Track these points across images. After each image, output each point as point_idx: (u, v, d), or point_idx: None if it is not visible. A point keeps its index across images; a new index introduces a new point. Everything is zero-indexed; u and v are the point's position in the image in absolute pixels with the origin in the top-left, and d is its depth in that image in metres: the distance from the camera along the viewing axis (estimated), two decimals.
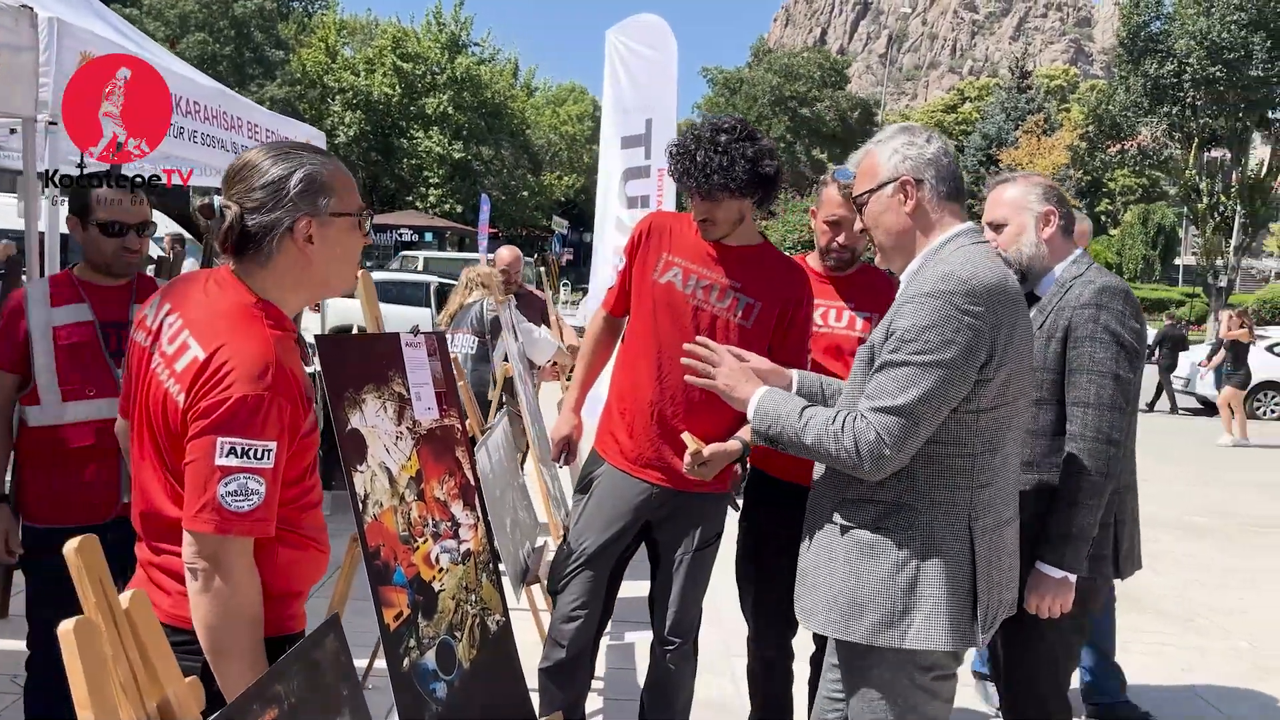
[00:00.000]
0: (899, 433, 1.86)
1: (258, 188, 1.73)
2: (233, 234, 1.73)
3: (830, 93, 58.44)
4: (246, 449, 1.62)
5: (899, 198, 2.07)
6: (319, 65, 39.55)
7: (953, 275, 1.90)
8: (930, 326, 1.86)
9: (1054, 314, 2.56)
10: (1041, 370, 2.51)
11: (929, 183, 2.05)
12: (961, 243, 2.02)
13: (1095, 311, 2.49)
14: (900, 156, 2.08)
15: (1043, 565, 2.45)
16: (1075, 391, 2.48)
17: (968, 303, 1.86)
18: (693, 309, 2.86)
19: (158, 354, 1.74)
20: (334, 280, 1.85)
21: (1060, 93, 58.27)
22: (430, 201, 38.85)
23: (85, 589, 1.14)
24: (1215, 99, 32.15)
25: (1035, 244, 2.64)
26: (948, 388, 1.86)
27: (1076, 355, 2.49)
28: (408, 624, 2.21)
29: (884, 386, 1.90)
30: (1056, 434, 2.52)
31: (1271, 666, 4.72)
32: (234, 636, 1.65)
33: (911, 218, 2.07)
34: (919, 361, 1.86)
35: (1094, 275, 2.59)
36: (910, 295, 1.94)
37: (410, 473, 2.31)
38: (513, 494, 3.91)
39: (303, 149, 1.81)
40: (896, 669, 1.97)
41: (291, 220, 1.74)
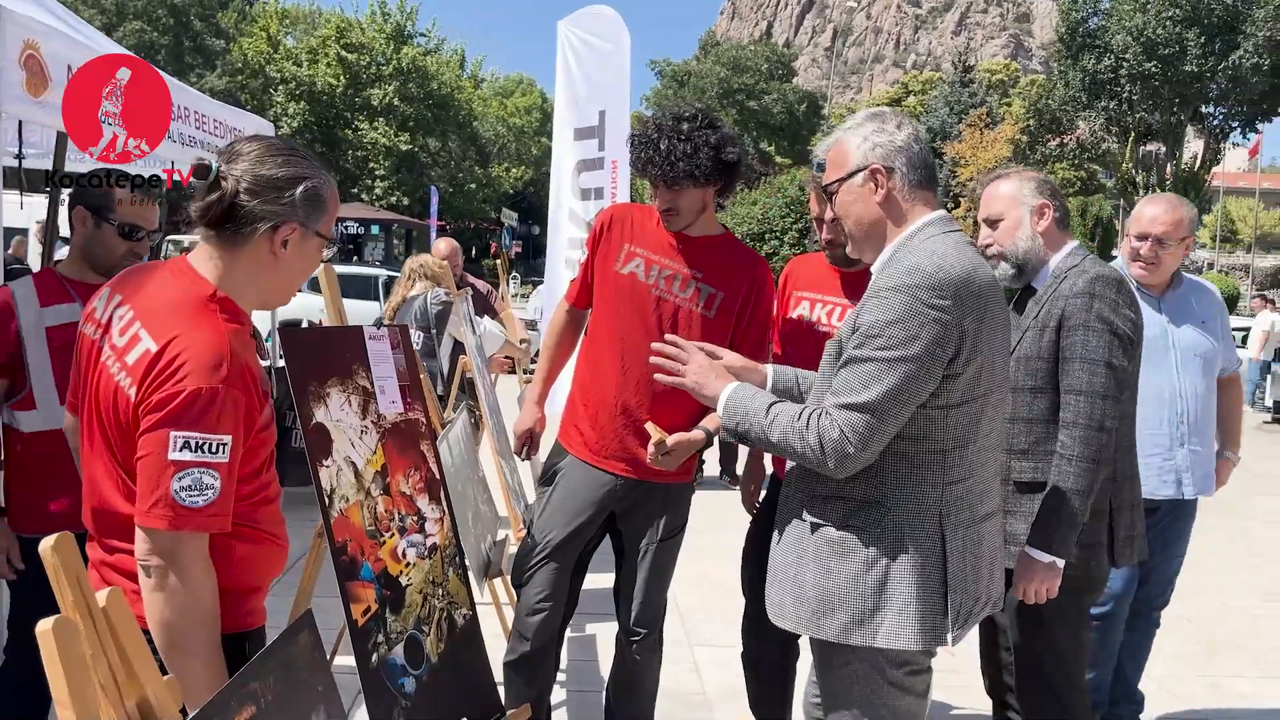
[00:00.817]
0: (864, 430, 1.84)
1: (263, 176, 1.72)
2: (220, 205, 1.71)
3: (778, 85, 58.78)
4: (201, 443, 1.59)
5: (869, 187, 2.03)
6: (260, 55, 38.84)
7: (918, 268, 1.87)
8: (895, 321, 1.84)
9: (1049, 304, 2.58)
10: (1035, 359, 2.55)
11: (900, 171, 2.01)
12: (931, 233, 1.98)
13: (1088, 300, 2.50)
14: (870, 144, 2.03)
15: (1031, 549, 2.46)
16: (1068, 379, 2.50)
17: (933, 296, 1.83)
18: (655, 299, 2.87)
19: (108, 346, 1.70)
20: (283, 292, 1.86)
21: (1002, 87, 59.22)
22: (377, 194, 38.39)
23: (63, 588, 1.12)
24: (1150, 94, 32.91)
25: (1031, 237, 2.67)
26: (913, 383, 1.84)
27: (1070, 344, 2.51)
28: (375, 619, 2.19)
29: (849, 383, 1.87)
30: (1051, 421, 2.54)
31: (1218, 645, 4.87)
32: (190, 634, 1.62)
33: (882, 207, 2.03)
34: (883, 357, 1.84)
35: (1088, 265, 2.61)
36: (876, 289, 1.91)
37: (376, 467, 2.29)
38: (474, 488, 3.90)
39: (310, 158, 1.81)
40: (868, 665, 1.97)
41: (280, 221, 1.73)
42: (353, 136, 38.81)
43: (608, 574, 3.17)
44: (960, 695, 3.90)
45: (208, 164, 1.74)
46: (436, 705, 2.31)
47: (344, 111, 39.32)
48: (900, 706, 1.99)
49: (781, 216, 34.15)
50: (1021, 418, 2.59)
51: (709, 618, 4.88)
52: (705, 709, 3.87)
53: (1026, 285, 2.71)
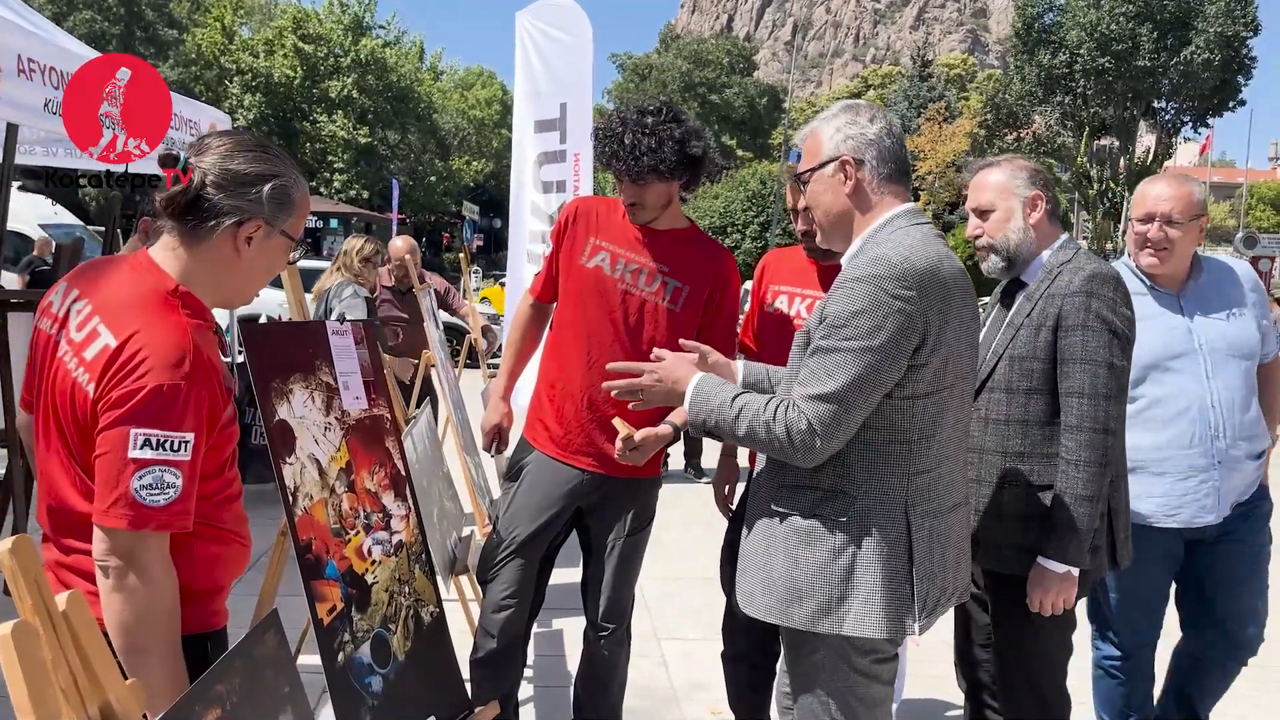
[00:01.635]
0: (829, 420, 1.85)
1: (231, 171, 1.69)
2: (186, 196, 1.68)
3: (739, 79, 58.92)
4: (162, 440, 1.56)
5: (839, 177, 2.05)
6: (215, 46, 38.13)
7: (884, 259, 1.89)
8: (860, 312, 1.85)
9: (1043, 301, 2.50)
10: (1031, 359, 2.49)
11: (869, 163, 2.03)
12: (899, 224, 2.00)
13: (1086, 299, 2.43)
14: (842, 136, 2.05)
15: (1045, 561, 2.41)
16: (1068, 381, 2.43)
17: (898, 287, 1.85)
18: (621, 293, 2.85)
19: (65, 342, 1.66)
20: (245, 290, 1.82)
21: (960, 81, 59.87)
22: (336, 187, 37.92)
23: (21, 591, 1.09)
24: (1104, 89, 33.47)
25: (1022, 229, 2.59)
26: (878, 373, 1.85)
27: (1068, 344, 2.44)
28: (341, 618, 2.17)
29: (814, 373, 1.88)
30: (1047, 423, 2.49)
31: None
32: (150, 635, 1.59)
33: (850, 198, 2.05)
34: (848, 348, 1.85)
35: (1083, 261, 2.54)
36: (842, 280, 1.93)
37: (340, 464, 2.26)
38: (439, 484, 3.87)
39: (282, 157, 1.79)
40: (835, 653, 1.99)
41: (244, 217, 1.70)
42: (311, 129, 38.29)
43: (575, 569, 3.16)
44: (933, 686, 3.94)
45: (175, 154, 1.71)
46: (404, 704, 2.29)
47: (301, 104, 38.77)
48: (867, 694, 2.01)
49: (743, 210, 34.31)
50: (1016, 419, 2.52)
51: (676, 611, 4.89)
52: (673, 702, 3.88)
53: (1016, 279, 2.65)
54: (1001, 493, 2.53)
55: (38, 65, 3.79)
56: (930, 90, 46.06)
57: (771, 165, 38.09)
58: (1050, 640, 2.57)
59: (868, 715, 2.02)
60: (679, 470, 8.13)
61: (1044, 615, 2.46)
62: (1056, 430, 2.48)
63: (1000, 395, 2.55)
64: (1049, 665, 2.59)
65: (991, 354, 2.59)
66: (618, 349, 2.84)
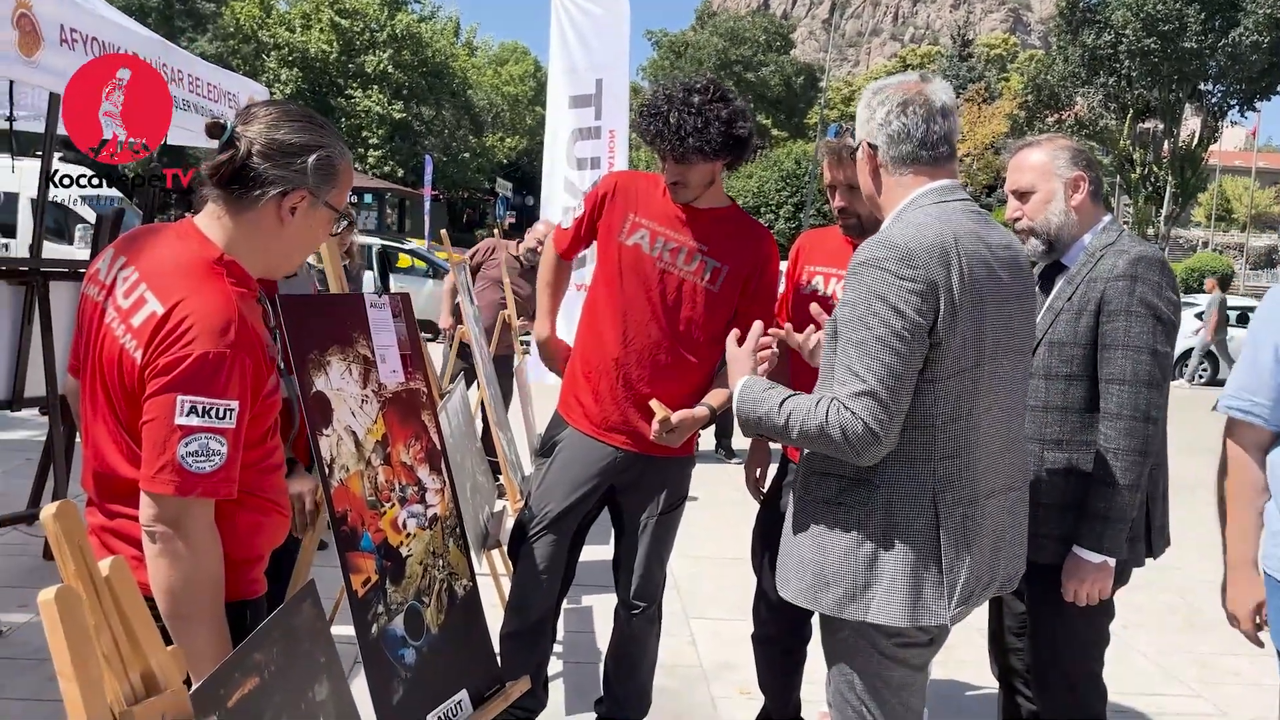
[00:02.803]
0: (881, 415, 1.82)
1: (277, 141, 1.70)
2: (231, 165, 1.69)
3: (775, 57, 58.32)
4: (208, 408, 1.57)
5: (864, 162, 2.09)
6: (252, 19, 38.31)
7: (888, 241, 1.87)
8: (873, 297, 1.83)
9: (1085, 285, 2.44)
10: (1071, 345, 2.44)
11: (881, 148, 2.03)
12: (921, 203, 1.98)
13: (1130, 284, 2.37)
14: (861, 120, 2.08)
15: (1080, 550, 2.37)
16: (1110, 368, 2.38)
17: (903, 267, 1.82)
18: (660, 272, 2.83)
19: (112, 308, 1.67)
20: (288, 259, 1.84)
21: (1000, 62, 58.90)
22: (370, 163, 38.07)
23: (65, 556, 1.09)
24: (1150, 70, 32.80)
25: (1064, 212, 2.51)
26: (909, 357, 1.82)
27: (1111, 330, 2.38)
28: (375, 590, 2.18)
29: (850, 369, 1.85)
30: (1087, 410, 2.44)
31: (1201, 621, 4.90)
32: (195, 601, 1.60)
33: (873, 181, 2.08)
34: (872, 336, 1.82)
35: (1127, 244, 2.45)
36: (851, 266, 1.91)
37: (376, 436, 2.27)
38: (472, 459, 3.88)
39: (329, 128, 1.79)
40: (860, 636, 1.98)
41: (289, 188, 1.70)
42: (346, 104, 38.40)
43: (604, 546, 3.17)
44: (966, 672, 3.92)
45: (223, 123, 1.72)
46: (436, 676, 2.30)
47: (337, 79, 38.89)
48: (893, 677, 2.00)
49: (777, 190, 34.07)
50: (1055, 406, 2.47)
51: (705, 591, 4.89)
52: (702, 681, 3.88)
53: (1055, 262, 2.57)
54: (1039, 481, 2.49)
55: (80, 35, 3.82)
56: (970, 71, 45.41)
57: (807, 145, 37.78)
58: (1086, 629, 2.53)
59: (893, 697, 2.00)
60: (709, 450, 8.12)
61: (1079, 604, 2.43)
62: (1095, 418, 2.43)
63: (1039, 381, 2.50)
64: (1084, 655, 2.56)
65: None
66: (654, 328, 2.83)
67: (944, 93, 2.05)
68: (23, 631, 3.83)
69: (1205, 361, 16.56)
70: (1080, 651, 2.55)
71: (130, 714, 1.11)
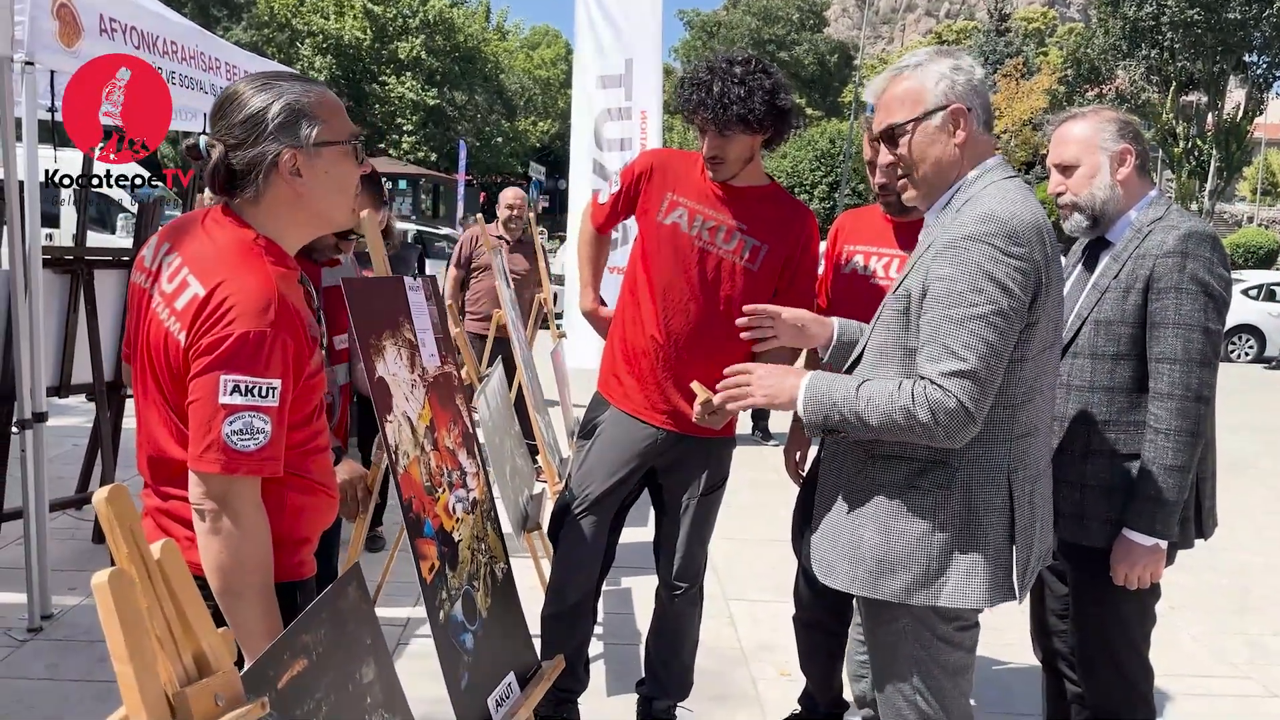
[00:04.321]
0: (978, 395, 1.77)
1: (238, 123, 1.68)
2: (219, 174, 1.69)
3: (809, 36, 57.76)
4: (251, 386, 1.58)
5: (949, 128, 1.95)
6: (287, 7, 38.52)
7: (993, 216, 1.81)
8: (980, 273, 1.77)
9: (1132, 262, 2.37)
10: (1119, 323, 2.39)
11: (977, 112, 1.95)
12: (994, 177, 1.93)
13: (1180, 260, 2.30)
14: (949, 82, 1.94)
15: (1131, 533, 2.33)
16: (1160, 346, 2.32)
17: (1012, 244, 1.78)
18: (698, 251, 2.80)
19: (157, 294, 1.69)
20: (332, 213, 1.79)
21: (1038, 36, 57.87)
22: (404, 149, 38.24)
23: (117, 540, 1.10)
24: (1193, 42, 32.10)
25: (1110, 186, 2.45)
26: (1008, 336, 1.78)
27: (1161, 308, 2.32)
28: (439, 575, 2.17)
29: (948, 346, 1.78)
30: (1135, 390, 2.39)
31: (1250, 602, 4.82)
32: (244, 578, 1.62)
33: (961, 149, 1.95)
34: (978, 313, 1.77)
35: (1176, 219, 2.38)
36: (952, 240, 1.84)
37: (425, 422, 2.27)
38: (510, 441, 3.89)
39: (284, 78, 1.73)
40: (918, 621, 1.94)
41: (275, 154, 1.68)
42: (380, 91, 38.58)
43: (644, 528, 3.16)
44: (1009, 654, 3.88)
45: (195, 143, 1.74)
46: (490, 659, 2.30)
47: (370, 65, 39.05)
48: (951, 661, 1.97)
49: (811, 170, 33.76)
50: (1102, 386, 2.42)
51: (743, 572, 4.89)
52: (741, 663, 3.88)
53: (1100, 238, 2.52)
54: (1085, 463, 2.45)
55: (119, 25, 3.85)
56: (1007, 46, 44.59)
57: (841, 124, 37.34)
58: (1132, 612, 2.49)
59: (950, 683, 1.97)
60: (746, 433, 8.10)
61: (1129, 588, 2.39)
62: (1144, 398, 2.38)
63: (1085, 361, 2.45)
64: (1131, 637, 2.52)
65: (1074, 317, 2.48)
66: (693, 307, 2.81)
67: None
68: (73, 614, 3.90)
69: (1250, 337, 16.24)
70: (1127, 634, 2.51)
71: (184, 695, 1.12)
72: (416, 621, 3.96)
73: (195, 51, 4.61)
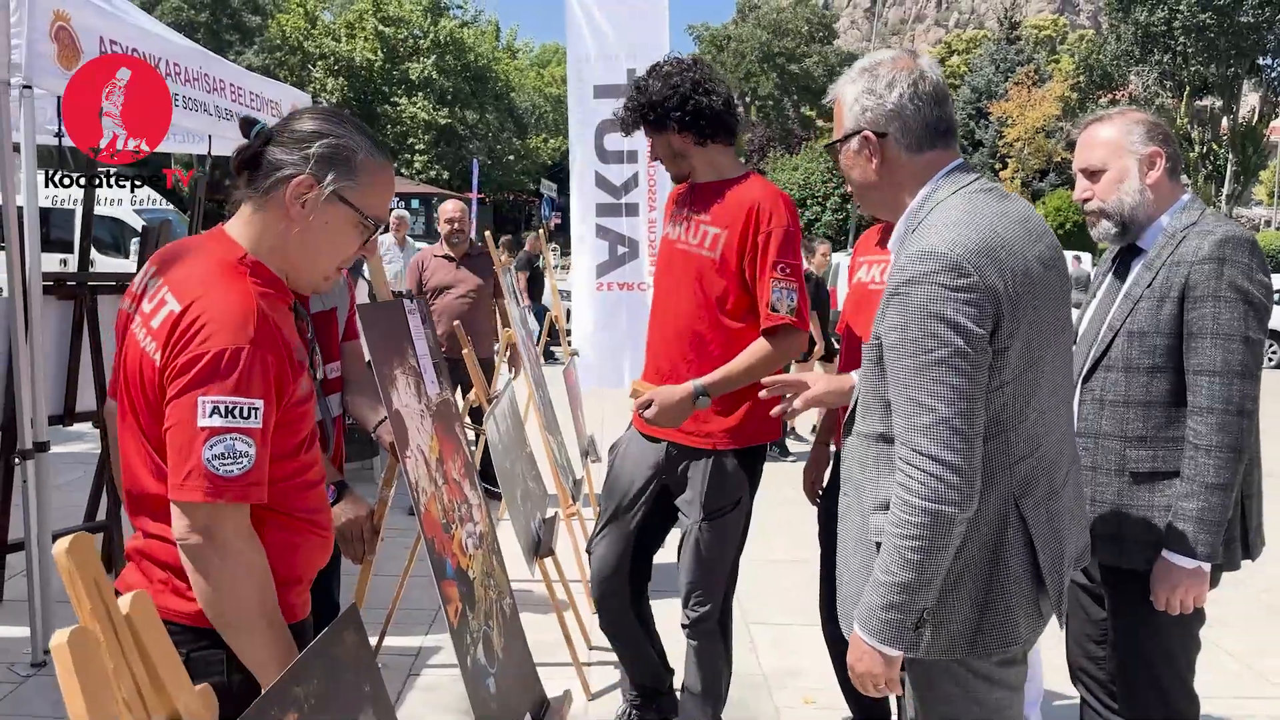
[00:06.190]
0: (958, 444, 1.64)
1: (292, 128, 1.67)
2: (249, 151, 1.66)
3: (818, 48, 57.73)
4: (231, 407, 1.49)
5: (864, 153, 1.85)
6: (298, 31, 38.82)
7: (931, 252, 1.68)
8: (927, 316, 1.65)
9: (1166, 270, 2.25)
10: (1153, 334, 2.27)
11: (893, 135, 1.83)
12: (939, 199, 1.80)
13: (1217, 266, 2.18)
14: (860, 107, 1.84)
15: (1171, 555, 2.20)
16: (1198, 358, 2.20)
17: (956, 277, 1.65)
18: (679, 253, 2.86)
19: (138, 315, 1.62)
20: (304, 265, 1.69)
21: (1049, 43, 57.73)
22: (417, 168, 38.39)
23: (79, 594, 1.01)
24: (1206, 46, 31.94)
25: (1139, 191, 2.34)
26: (975, 375, 1.65)
27: (1198, 317, 2.19)
28: (463, 618, 2.07)
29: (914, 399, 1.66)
30: (1172, 405, 2.27)
31: None
32: (242, 610, 1.54)
33: (879, 174, 1.86)
34: (934, 359, 1.64)
35: (1211, 223, 2.26)
36: (894, 285, 1.72)
37: (435, 454, 2.17)
38: (522, 464, 3.79)
39: (358, 127, 1.71)
40: (960, 664, 1.82)
41: (295, 171, 1.63)
42: (392, 111, 38.77)
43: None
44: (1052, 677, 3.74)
45: (254, 119, 1.70)
46: (508, 700, 2.19)
47: (382, 86, 39.27)
48: (990, 700, 1.83)
49: (823, 181, 33.68)
50: (1137, 401, 2.30)
51: (764, 594, 4.76)
52: (764, 690, 3.76)
53: (1130, 245, 2.40)
54: (1122, 481, 2.33)
55: (120, 47, 3.79)
56: (1018, 54, 44.43)
57: None
58: (1174, 638, 2.36)
59: None
60: None
61: (1170, 613, 2.26)
62: (1182, 412, 2.26)
63: (1118, 375, 2.33)
64: (1175, 664, 2.39)
65: (1106, 329, 2.37)
66: (679, 308, 2.85)
67: (935, 67, 1.90)
68: None
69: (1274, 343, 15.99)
70: (1171, 662, 2.39)
71: None
72: (429, 651, 3.85)
73: (199, 73, 4.55)
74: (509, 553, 3.09)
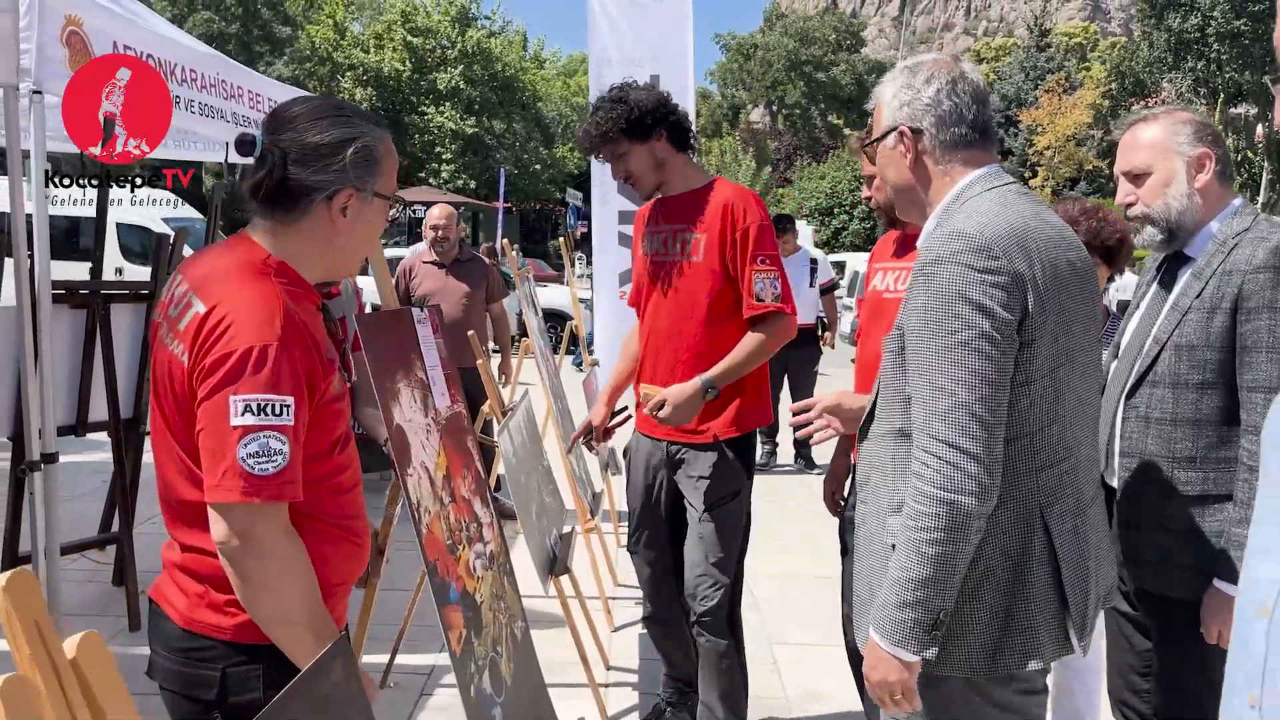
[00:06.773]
0: (978, 431, 1.56)
1: (311, 143, 1.60)
2: (270, 181, 1.59)
3: (846, 56, 57.52)
4: (263, 404, 1.47)
5: (899, 149, 1.83)
6: (328, 42, 39.13)
7: (960, 233, 1.63)
8: (951, 297, 1.59)
9: (1217, 279, 2.12)
10: (1203, 348, 2.14)
11: (928, 131, 1.79)
12: (973, 193, 1.75)
13: (1273, 276, 2.05)
14: (898, 102, 1.83)
15: (1223, 584, 2.07)
16: (1251, 373, 2.06)
17: (983, 259, 1.59)
18: (655, 265, 2.99)
19: (165, 321, 1.61)
20: (350, 261, 1.74)
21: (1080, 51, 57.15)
22: (444, 178, 38.52)
23: (18, 638, 0.91)
24: (1240, 53, 31.49)
25: (1187, 195, 2.21)
26: (999, 362, 1.58)
27: (1252, 330, 2.06)
28: (467, 645, 1.97)
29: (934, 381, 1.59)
30: (1224, 423, 2.14)
31: None
32: (292, 615, 1.52)
33: (913, 171, 1.82)
34: (957, 340, 1.58)
35: (1265, 230, 2.16)
36: (920, 266, 1.68)
37: (442, 470, 2.07)
38: (537, 478, 3.69)
39: (360, 114, 1.68)
40: (972, 689, 1.72)
41: (335, 189, 1.60)
42: (420, 121, 38.93)
43: None
44: None
45: (251, 137, 1.62)
46: None
47: (410, 96, 39.45)
48: None
49: (850, 190, 33.39)
50: (1186, 419, 2.17)
51: (788, 612, 4.62)
52: (786, 711, 3.62)
53: (1178, 252, 2.27)
54: (1169, 504, 2.19)
55: (134, 51, 3.73)
56: (1049, 61, 44.00)
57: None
58: (1212, 652, 2.21)
59: None
60: (788, 462, 7.82)
61: (1223, 646, 2.12)
62: (1234, 431, 2.12)
63: (1165, 391, 2.20)
64: (1204, 669, 2.21)
65: (1152, 342, 2.23)
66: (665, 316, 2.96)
67: (975, 69, 1.87)
68: None
69: None
70: (1219, 694, 2.23)
71: None
72: (442, 670, 3.75)
73: (216, 79, 4.50)
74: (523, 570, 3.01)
